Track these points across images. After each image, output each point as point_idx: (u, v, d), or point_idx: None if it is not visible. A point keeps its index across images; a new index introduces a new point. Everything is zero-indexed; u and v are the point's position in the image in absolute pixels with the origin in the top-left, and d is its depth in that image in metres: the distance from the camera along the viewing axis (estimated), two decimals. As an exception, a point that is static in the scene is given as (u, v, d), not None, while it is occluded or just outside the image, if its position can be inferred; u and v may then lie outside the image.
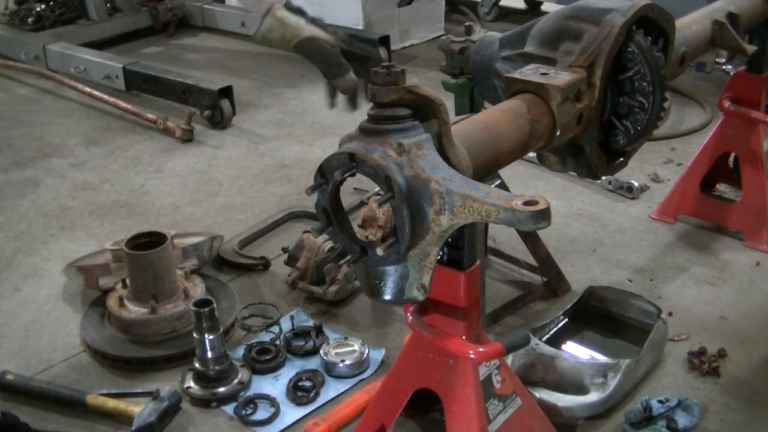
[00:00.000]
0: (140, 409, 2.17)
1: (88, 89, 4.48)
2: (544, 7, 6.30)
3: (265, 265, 2.95)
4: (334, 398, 2.31)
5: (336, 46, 2.39)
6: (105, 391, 2.28)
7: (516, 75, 1.78)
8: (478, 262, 1.64)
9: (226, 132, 4.24)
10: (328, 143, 4.04)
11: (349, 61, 2.44)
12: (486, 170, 1.61)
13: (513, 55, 1.96)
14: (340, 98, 2.49)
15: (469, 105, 2.44)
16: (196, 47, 5.64)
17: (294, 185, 3.62)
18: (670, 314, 2.63)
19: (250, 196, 3.53)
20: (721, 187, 3.30)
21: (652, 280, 2.87)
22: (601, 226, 3.24)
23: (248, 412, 2.24)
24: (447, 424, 1.75)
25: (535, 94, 1.73)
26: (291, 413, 2.25)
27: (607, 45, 1.78)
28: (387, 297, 1.51)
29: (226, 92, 4.26)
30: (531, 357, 2.23)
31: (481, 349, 1.61)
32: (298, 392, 2.31)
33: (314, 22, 2.44)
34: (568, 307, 2.55)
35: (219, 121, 4.24)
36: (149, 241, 2.59)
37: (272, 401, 2.27)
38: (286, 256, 2.83)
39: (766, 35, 2.85)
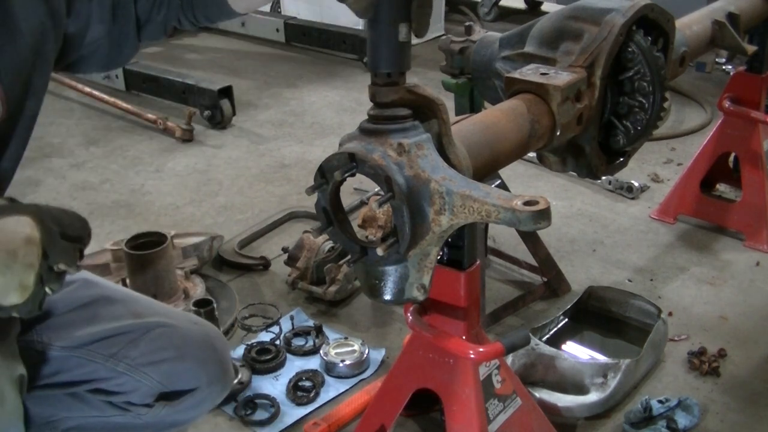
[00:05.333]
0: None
1: (88, 89, 4.49)
2: (544, 7, 6.30)
3: (265, 265, 2.95)
4: (334, 398, 2.31)
5: None
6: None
7: (516, 75, 1.78)
8: (478, 262, 1.64)
9: (226, 132, 4.24)
10: (328, 143, 4.04)
11: None
12: (486, 170, 1.60)
13: (513, 55, 1.96)
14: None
15: (469, 105, 2.44)
16: (196, 47, 5.64)
17: (294, 185, 3.62)
18: (670, 314, 2.63)
19: (250, 196, 3.53)
20: (721, 187, 3.30)
21: (652, 280, 2.87)
22: (601, 226, 3.24)
23: (248, 412, 2.24)
24: (447, 424, 1.74)
25: (535, 94, 1.73)
26: (291, 413, 2.25)
27: (607, 45, 1.78)
28: (387, 297, 1.51)
29: (226, 92, 4.26)
30: (531, 357, 2.23)
31: (481, 349, 1.60)
32: (298, 392, 2.31)
33: None
34: (568, 307, 2.55)
35: (219, 121, 4.24)
36: (149, 241, 2.59)
37: (272, 401, 2.26)
38: (286, 256, 2.84)
39: (766, 35, 2.85)
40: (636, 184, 3.44)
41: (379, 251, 1.40)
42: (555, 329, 2.49)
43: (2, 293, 1.14)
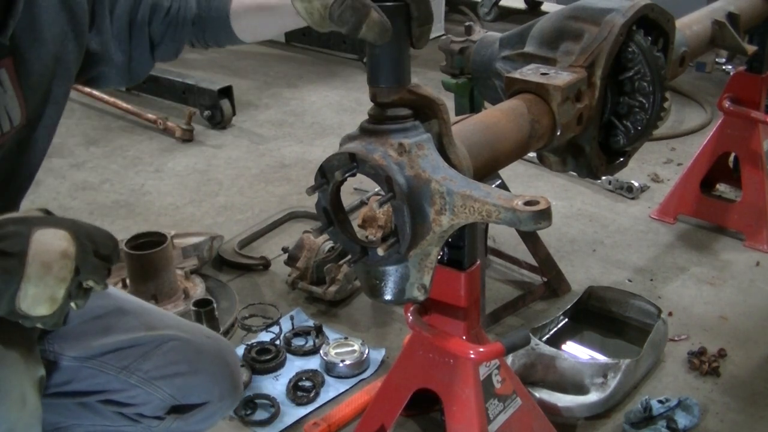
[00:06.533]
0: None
1: (88, 89, 4.48)
2: (544, 7, 6.30)
3: (265, 265, 2.95)
4: (334, 398, 2.31)
5: None
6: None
7: (516, 75, 1.78)
8: (478, 262, 1.64)
9: (226, 132, 4.24)
10: (328, 143, 4.04)
11: None
12: (486, 170, 1.60)
13: (513, 55, 1.96)
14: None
15: (469, 105, 2.44)
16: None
17: (294, 185, 3.62)
18: (670, 314, 2.63)
19: (250, 196, 3.53)
20: (721, 187, 3.30)
21: (652, 280, 2.87)
22: (601, 226, 3.24)
23: (248, 412, 2.24)
24: (447, 424, 1.74)
25: (536, 94, 1.73)
26: (291, 413, 2.25)
27: (607, 45, 1.78)
28: (387, 297, 1.51)
29: (226, 92, 4.26)
30: (531, 357, 2.23)
31: (481, 349, 1.61)
32: (298, 392, 2.31)
33: None
34: (568, 307, 2.55)
35: (219, 121, 4.24)
36: (149, 241, 2.59)
37: (272, 401, 2.26)
38: (286, 256, 2.83)
39: (766, 35, 2.85)
40: (636, 184, 3.44)
41: (380, 251, 1.40)
42: (555, 329, 2.49)
43: (32, 304, 1.15)
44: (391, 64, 1.38)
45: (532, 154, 2.10)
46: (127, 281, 2.61)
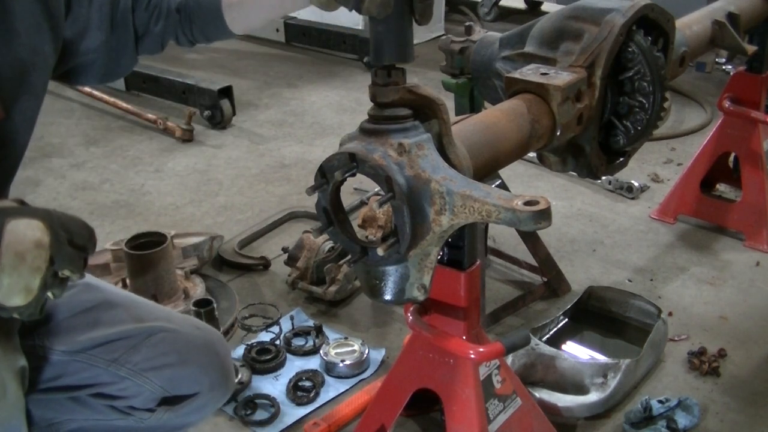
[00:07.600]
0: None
1: (88, 89, 4.48)
2: (544, 7, 6.31)
3: (265, 265, 2.95)
4: (334, 398, 2.31)
5: None
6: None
7: (516, 75, 1.78)
8: (478, 262, 1.64)
9: (226, 132, 4.24)
10: (328, 143, 4.04)
11: None
12: (486, 170, 1.60)
13: (513, 55, 1.96)
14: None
15: (469, 105, 2.44)
16: (196, 47, 5.63)
17: (294, 185, 3.62)
18: (670, 314, 2.63)
19: (250, 196, 3.53)
20: (721, 187, 3.30)
21: (652, 280, 2.87)
22: (601, 226, 3.24)
23: (248, 412, 2.24)
24: (447, 424, 1.74)
25: (536, 94, 1.73)
26: (291, 413, 2.25)
27: (607, 45, 1.78)
28: (387, 297, 1.51)
29: (226, 92, 4.26)
30: (531, 357, 2.23)
31: (481, 349, 1.61)
32: (298, 392, 2.31)
33: None
34: (568, 307, 2.55)
35: (219, 121, 4.24)
36: (149, 241, 2.59)
37: (272, 401, 2.26)
38: (286, 256, 2.84)
39: (766, 35, 2.85)
40: (636, 184, 3.44)
41: (380, 251, 1.40)
42: (555, 329, 2.49)
43: (7, 294, 1.15)
44: (395, 39, 1.38)
45: (532, 154, 2.10)
46: (127, 281, 2.61)
